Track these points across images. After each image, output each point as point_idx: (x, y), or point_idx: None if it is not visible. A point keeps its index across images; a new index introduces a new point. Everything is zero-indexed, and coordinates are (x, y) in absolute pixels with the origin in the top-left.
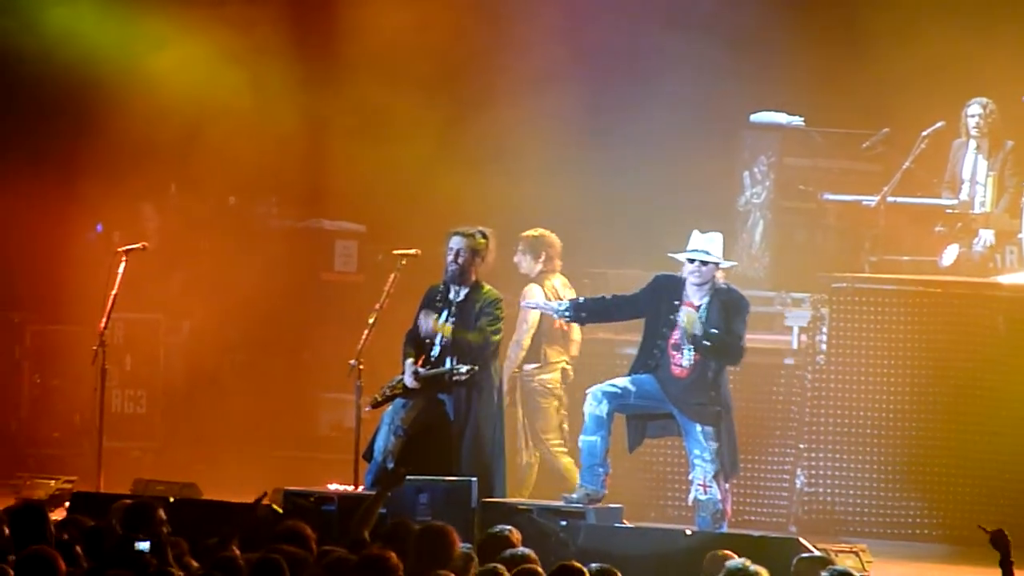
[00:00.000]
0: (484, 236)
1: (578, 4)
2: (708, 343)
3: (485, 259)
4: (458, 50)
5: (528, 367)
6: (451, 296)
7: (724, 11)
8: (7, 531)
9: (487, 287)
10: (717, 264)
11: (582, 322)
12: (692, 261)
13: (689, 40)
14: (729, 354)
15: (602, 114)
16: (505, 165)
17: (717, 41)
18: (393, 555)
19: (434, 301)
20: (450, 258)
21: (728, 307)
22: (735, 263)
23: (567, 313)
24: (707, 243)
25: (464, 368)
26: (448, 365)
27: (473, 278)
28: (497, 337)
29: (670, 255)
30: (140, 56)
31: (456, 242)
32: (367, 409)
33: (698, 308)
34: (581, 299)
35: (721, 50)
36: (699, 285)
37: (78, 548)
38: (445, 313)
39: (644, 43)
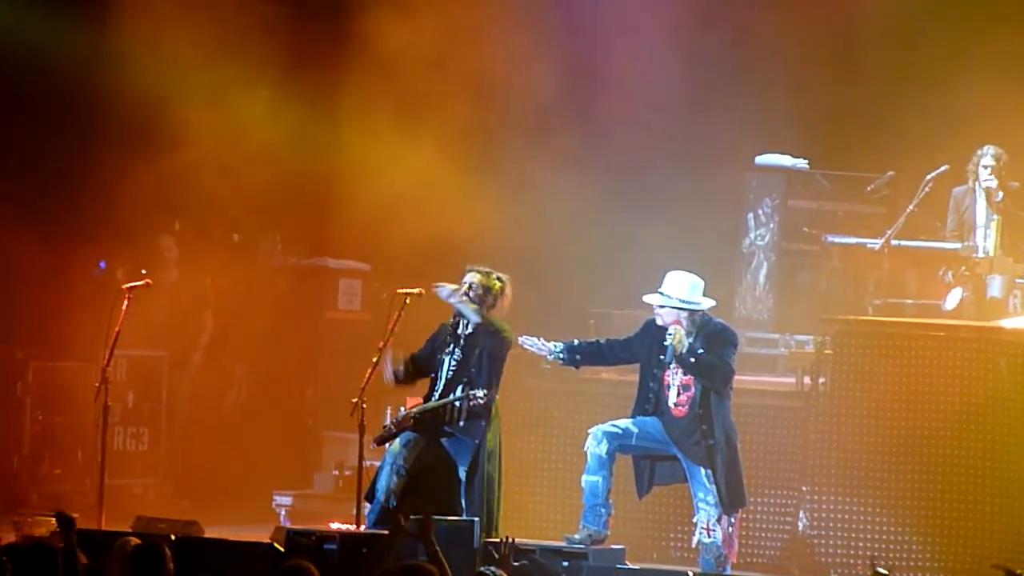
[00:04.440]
0: (500, 280)
1: (588, 49)
2: (693, 360)
3: (498, 302)
4: (463, 90)
5: None
6: (459, 331)
7: (730, 53)
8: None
9: (499, 324)
10: (683, 308)
11: (576, 364)
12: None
13: (695, 82)
14: (715, 374)
15: (607, 155)
16: (509, 206)
17: (723, 83)
18: None
19: (444, 336)
20: (462, 291)
21: (712, 339)
22: (712, 303)
23: (562, 355)
24: (674, 287)
25: (480, 392)
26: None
27: (484, 315)
28: (508, 335)
29: (645, 299)
30: (146, 92)
31: (470, 277)
32: (372, 446)
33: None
34: (575, 341)
35: (727, 92)
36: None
37: None
38: (452, 347)
39: (650, 85)
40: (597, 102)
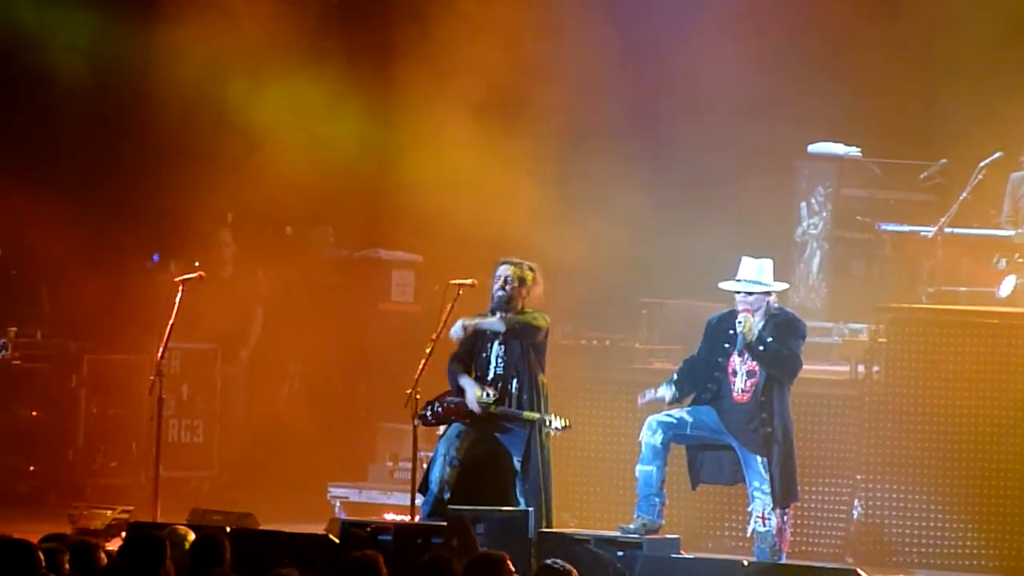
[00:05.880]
0: (532, 269)
1: (638, 41)
2: (763, 348)
3: (532, 291)
4: (517, 83)
5: None
6: None
7: (783, 43)
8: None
9: (532, 311)
10: (768, 292)
11: (684, 396)
12: (740, 292)
13: (748, 71)
14: (783, 364)
15: (661, 145)
16: (561, 197)
17: (775, 72)
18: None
19: (486, 332)
20: (497, 285)
21: (783, 327)
22: (786, 285)
23: (677, 397)
24: (756, 272)
25: (559, 424)
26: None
27: (520, 307)
28: (540, 322)
29: (720, 286)
30: (198, 85)
31: (504, 270)
32: (416, 423)
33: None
34: (675, 376)
35: (779, 81)
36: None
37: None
38: (494, 342)
39: (702, 75)
40: (652, 97)
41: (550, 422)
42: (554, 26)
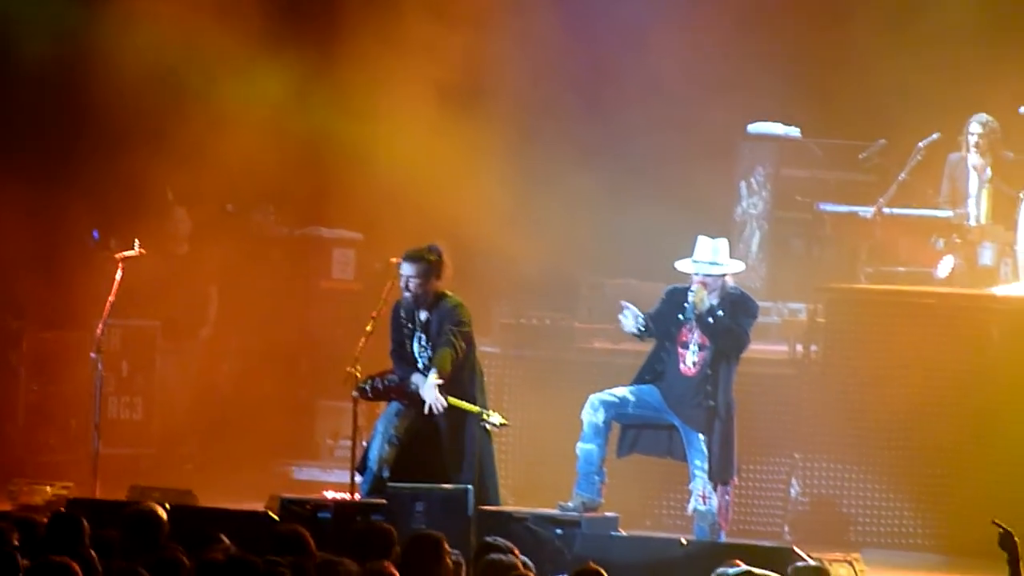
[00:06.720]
0: (436, 253)
1: (576, 20)
2: (712, 320)
3: (441, 274)
4: (470, 65)
5: None
6: (416, 317)
7: (721, 22)
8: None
9: (448, 296)
10: (724, 273)
11: (647, 334)
12: (698, 274)
13: (685, 51)
14: (730, 338)
15: (599, 125)
16: (502, 176)
17: (714, 52)
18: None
19: (402, 324)
20: (403, 285)
21: (736, 305)
22: (743, 266)
23: (643, 329)
24: (712, 252)
25: (496, 421)
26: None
27: (432, 295)
28: (462, 341)
29: (677, 266)
30: (138, 62)
31: (406, 269)
32: (354, 395)
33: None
34: (643, 316)
35: (718, 61)
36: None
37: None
38: (417, 333)
39: (639, 54)
40: (586, 70)
41: (488, 417)
42: (507, 11)
